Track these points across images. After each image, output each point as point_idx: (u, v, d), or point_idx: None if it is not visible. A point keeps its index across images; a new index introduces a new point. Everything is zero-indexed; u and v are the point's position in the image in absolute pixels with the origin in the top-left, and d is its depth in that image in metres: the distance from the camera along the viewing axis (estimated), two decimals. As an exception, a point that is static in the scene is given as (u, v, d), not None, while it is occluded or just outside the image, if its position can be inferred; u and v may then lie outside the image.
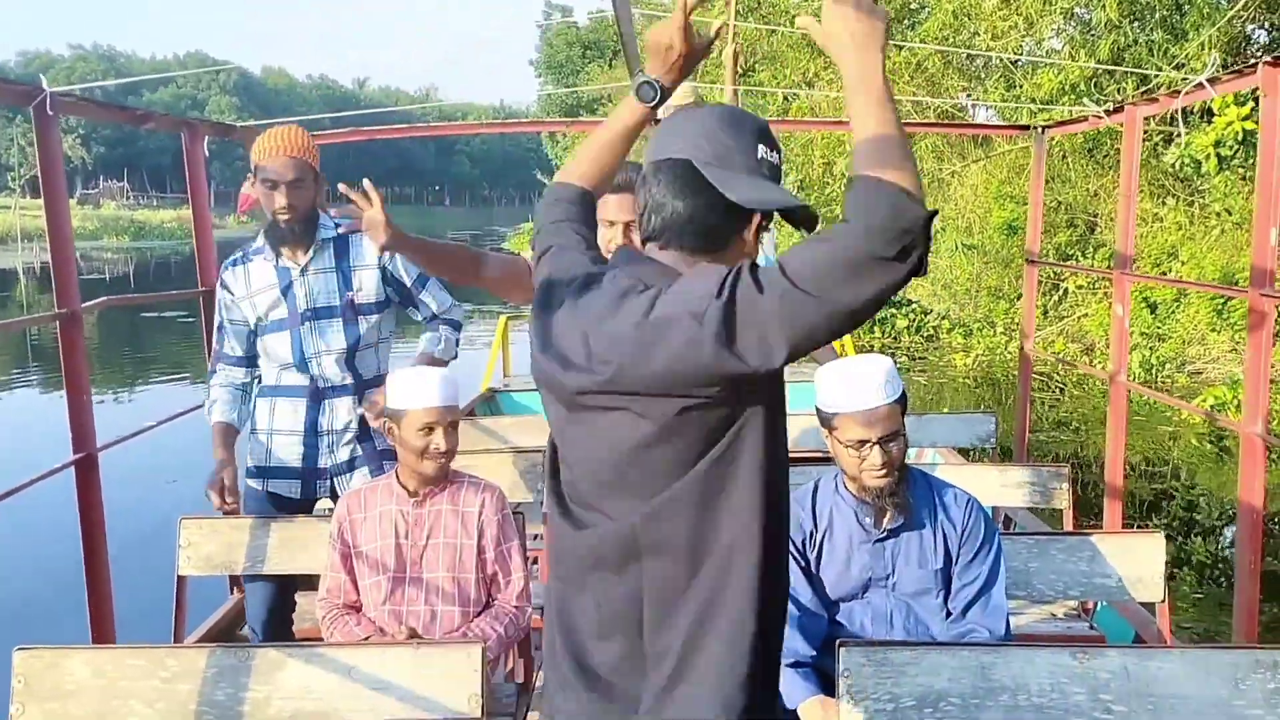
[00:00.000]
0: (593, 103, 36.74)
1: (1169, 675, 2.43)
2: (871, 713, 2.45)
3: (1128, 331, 4.48)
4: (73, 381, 3.38)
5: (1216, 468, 10.57)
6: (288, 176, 3.32)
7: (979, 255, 17.84)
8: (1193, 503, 9.45)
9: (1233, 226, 14.43)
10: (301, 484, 3.55)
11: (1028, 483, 4.32)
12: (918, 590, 2.76)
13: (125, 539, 4.67)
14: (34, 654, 2.61)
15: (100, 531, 3.43)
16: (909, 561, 2.74)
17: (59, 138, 3.35)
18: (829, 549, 2.78)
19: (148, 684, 2.62)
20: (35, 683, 2.59)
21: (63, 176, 3.38)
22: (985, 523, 2.80)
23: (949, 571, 2.76)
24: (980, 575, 2.75)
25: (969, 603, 2.75)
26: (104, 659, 2.64)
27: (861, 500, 2.74)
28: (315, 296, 3.47)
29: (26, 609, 6.58)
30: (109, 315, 24.41)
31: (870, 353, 2.88)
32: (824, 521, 2.80)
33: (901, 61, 17.57)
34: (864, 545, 2.75)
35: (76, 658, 2.62)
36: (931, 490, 2.80)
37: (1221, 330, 14.14)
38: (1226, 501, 9.35)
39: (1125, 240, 4.42)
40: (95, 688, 2.61)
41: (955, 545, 2.76)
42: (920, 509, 2.75)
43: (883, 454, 2.62)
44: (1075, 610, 4.05)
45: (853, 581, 2.76)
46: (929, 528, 2.75)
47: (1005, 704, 2.44)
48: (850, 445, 2.64)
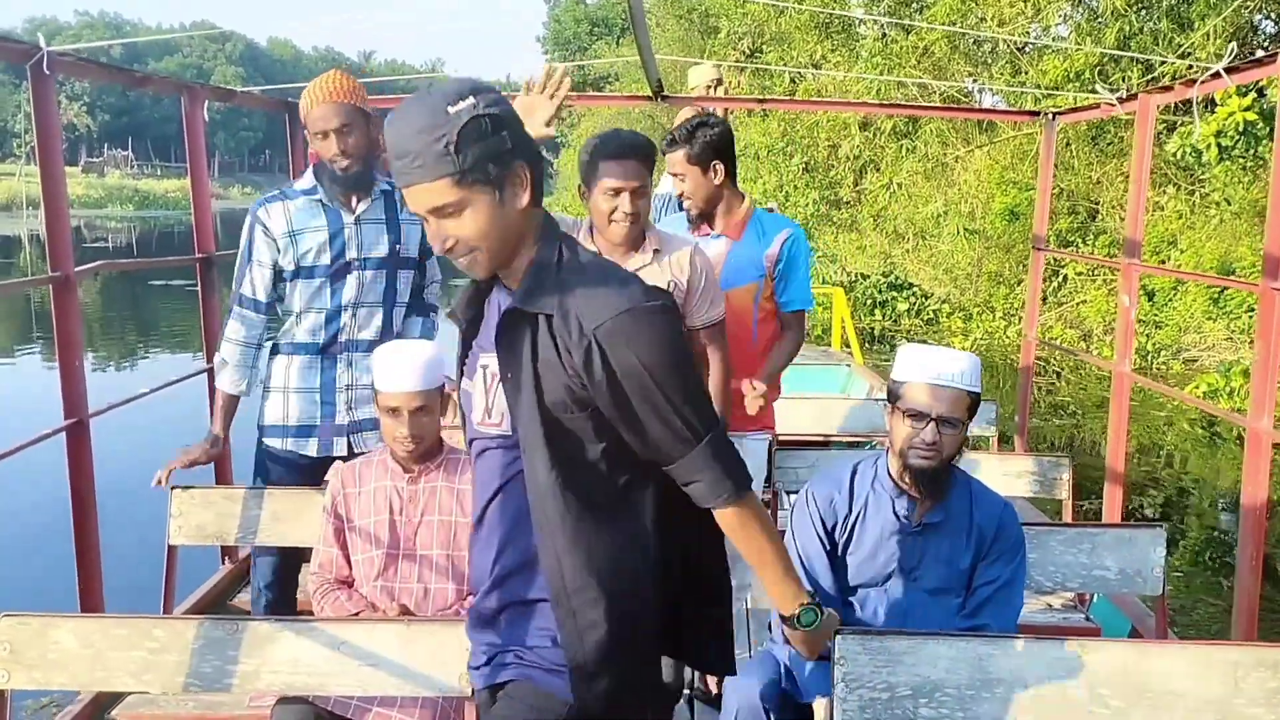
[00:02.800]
0: (600, 80, 36.56)
1: (1169, 671, 2.41)
2: (866, 701, 2.43)
3: (1134, 322, 4.42)
4: (65, 346, 3.34)
5: (1209, 454, 10.66)
6: (334, 123, 3.24)
7: (980, 240, 17.88)
8: (1184, 489, 9.51)
9: (1232, 216, 14.48)
10: (318, 442, 3.50)
11: (1028, 472, 4.28)
12: (939, 587, 2.72)
13: (118, 508, 4.66)
14: (21, 621, 2.58)
15: (90, 499, 3.40)
16: (937, 558, 2.71)
17: (55, 98, 3.30)
18: (859, 534, 2.74)
19: (135, 654, 2.59)
20: (22, 650, 2.56)
21: (59, 138, 3.33)
22: (1017, 533, 2.76)
23: (972, 574, 2.73)
24: (1001, 576, 2.71)
25: (984, 600, 2.71)
26: (91, 628, 2.61)
27: (900, 490, 2.70)
28: (367, 246, 3.40)
29: (16, 576, 6.56)
30: (111, 284, 24.40)
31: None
32: (859, 505, 2.75)
33: (909, 46, 17.53)
34: (895, 536, 2.71)
35: (63, 626, 2.59)
36: (970, 492, 2.75)
37: (1217, 319, 14.25)
38: (1219, 489, 9.47)
39: (1134, 229, 4.37)
40: (82, 657, 2.58)
41: (984, 549, 2.72)
42: (957, 509, 2.71)
43: (936, 433, 2.57)
44: (1071, 601, 4.02)
45: (876, 570, 2.72)
46: (963, 529, 2.71)
47: (1001, 696, 2.42)
48: (909, 414, 2.59)
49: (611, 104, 23.06)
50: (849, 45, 20.15)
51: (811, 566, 2.74)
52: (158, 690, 2.80)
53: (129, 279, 24.41)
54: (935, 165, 18.59)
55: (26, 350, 16.55)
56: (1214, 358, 13.89)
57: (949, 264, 18.61)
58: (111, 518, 3.59)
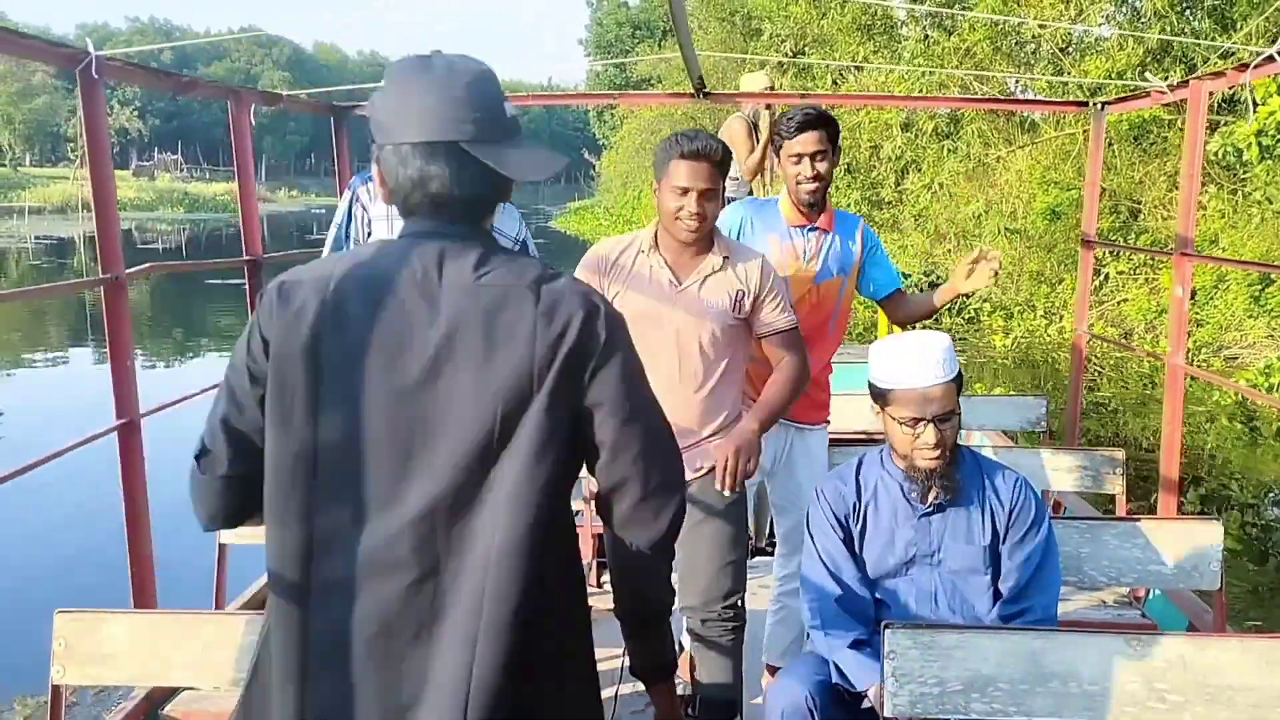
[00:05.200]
0: (642, 82, 36.62)
1: (1228, 665, 2.36)
2: (917, 695, 2.41)
3: (1187, 314, 4.35)
4: (117, 347, 3.38)
5: (1249, 450, 10.61)
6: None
7: (1022, 240, 17.86)
8: (1225, 484, 9.47)
9: (1274, 215, 14.39)
10: None
11: (1079, 467, 4.22)
12: (964, 568, 2.69)
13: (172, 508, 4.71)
14: (74, 617, 2.62)
15: (142, 496, 3.44)
16: (955, 538, 2.68)
17: (104, 102, 3.34)
18: (873, 523, 2.73)
19: (188, 650, 2.62)
20: (76, 645, 2.60)
21: (107, 141, 3.37)
22: (1035, 502, 2.73)
23: (997, 550, 2.70)
24: (1032, 554, 2.68)
25: (1023, 583, 2.67)
26: (143, 623, 2.65)
27: (908, 475, 2.68)
28: None
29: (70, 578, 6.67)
30: (161, 285, 24.75)
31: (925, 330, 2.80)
32: (868, 494, 2.75)
33: (951, 47, 17.50)
34: (909, 520, 2.69)
35: (116, 622, 2.63)
36: (980, 468, 2.73)
37: (1259, 316, 14.17)
38: (1262, 483, 9.47)
39: (1187, 221, 4.30)
40: (135, 652, 2.61)
41: (1003, 524, 2.69)
42: (968, 486, 2.69)
43: (936, 433, 2.56)
44: (1126, 598, 3.96)
45: (897, 557, 2.70)
46: (976, 504, 2.69)
47: (1055, 690, 2.39)
48: (904, 423, 2.58)
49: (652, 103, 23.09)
50: (890, 47, 20.09)
51: (834, 562, 2.74)
52: (210, 685, 2.83)
53: (179, 280, 24.74)
54: (976, 165, 18.57)
55: (79, 354, 16.83)
56: (1255, 355, 13.82)
57: None
58: (163, 519, 3.62)
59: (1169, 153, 15.92)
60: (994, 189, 18.33)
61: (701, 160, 2.81)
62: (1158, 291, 15.66)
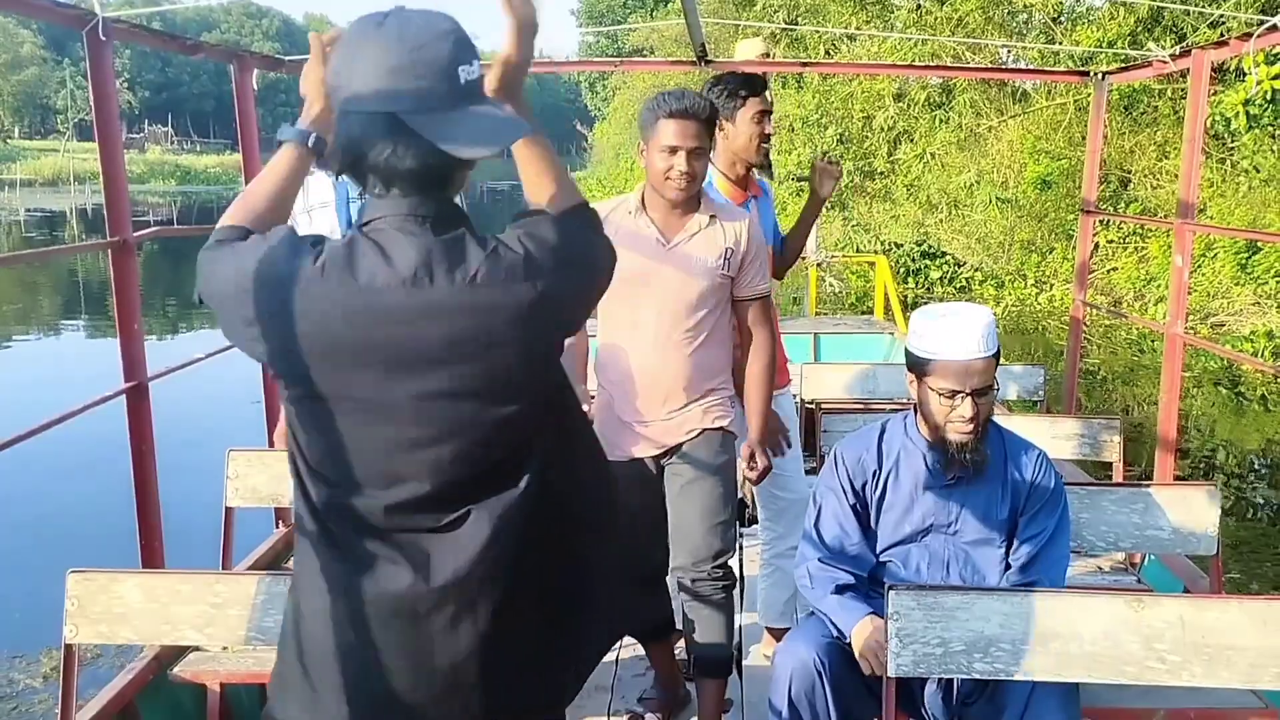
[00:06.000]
0: (635, 52, 36.41)
1: (1227, 625, 2.39)
2: (920, 656, 2.43)
3: (1187, 283, 4.37)
4: (124, 311, 3.38)
5: (1235, 417, 10.77)
6: None
7: (1013, 209, 18.08)
8: (1213, 451, 9.61)
9: (1260, 183, 14.62)
10: None
11: (1077, 434, 4.26)
12: (979, 539, 2.71)
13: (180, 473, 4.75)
14: (87, 577, 2.65)
15: (150, 460, 3.45)
16: (974, 511, 2.70)
17: (112, 63, 3.34)
18: (893, 491, 2.74)
19: (197, 608, 2.65)
20: (88, 604, 2.63)
21: (116, 104, 3.37)
22: (1055, 479, 2.75)
23: (1013, 523, 2.72)
24: (1046, 529, 2.70)
25: (1032, 556, 2.70)
26: (154, 583, 2.67)
27: (933, 445, 2.69)
28: None
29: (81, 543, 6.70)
30: (154, 258, 24.64)
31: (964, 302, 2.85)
32: (890, 462, 2.75)
33: (943, 17, 17.50)
34: (930, 490, 2.70)
35: (128, 581, 2.65)
36: (1004, 442, 2.74)
37: (1244, 284, 14.40)
38: (1247, 449, 9.64)
39: (1189, 189, 4.30)
40: (146, 611, 2.64)
41: (1022, 499, 2.71)
42: (993, 460, 2.69)
43: (973, 406, 2.56)
44: (1122, 564, 4.01)
45: (913, 525, 2.72)
46: (998, 479, 2.70)
47: (1057, 651, 2.42)
48: (942, 394, 2.58)
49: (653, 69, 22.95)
50: (883, 17, 20.07)
51: (840, 525, 2.75)
52: (220, 644, 2.86)
53: (173, 253, 24.64)
54: (968, 135, 18.74)
55: (72, 327, 16.79)
56: (1240, 322, 14.10)
57: (981, 233, 18.80)
58: (171, 483, 3.65)
59: (1159, 122, 16.04)
60: (985, 159, 18.53)
61: (689, 119, 2.81)
62: (1147, 260, 15.85)
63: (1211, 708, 2.78)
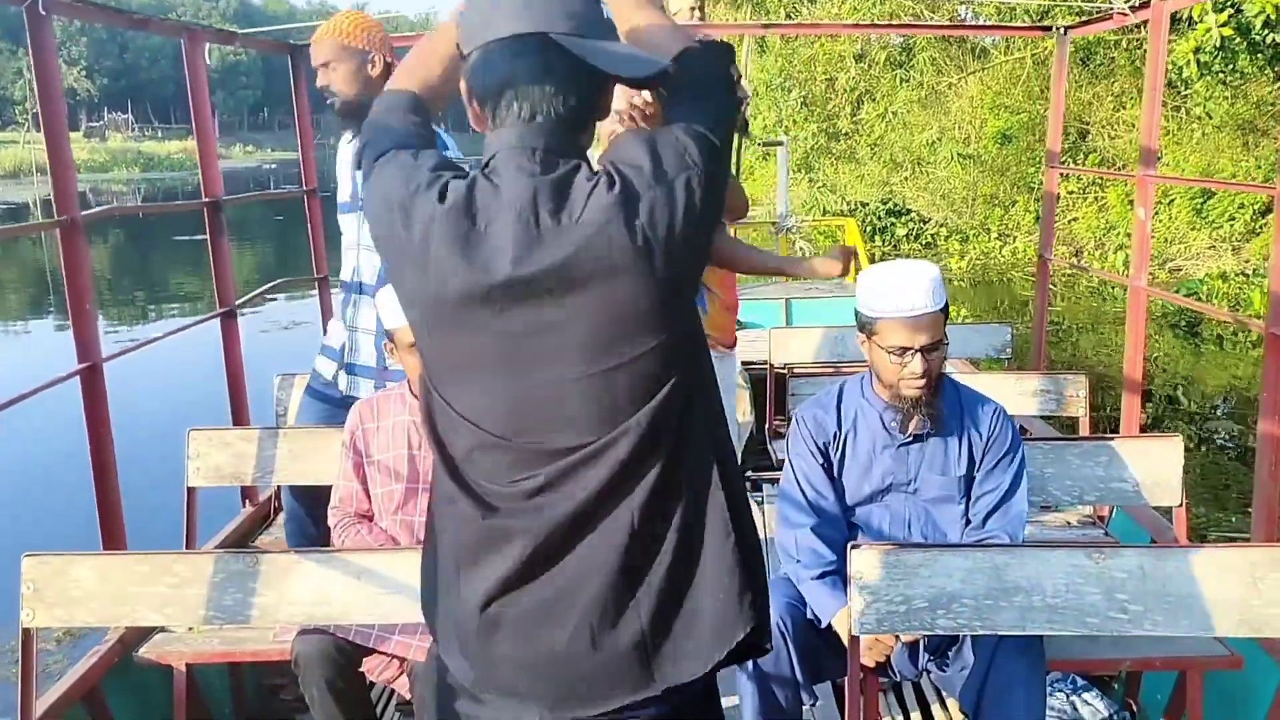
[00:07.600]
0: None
1: (1186, 574, 2.40)
2: (883, 614, 2.44)
3: (1149, 234, 4.37)
4: (75, 291, 3.32)
5: (1194, 359, 10.99)
6: (317, 60, 3.35)
7: (975, 165, 18.34)
8: (1174, 395, 9.76)
9: (1213, 130, 14.92)
10: (342, 377, 3.58)
11: (1044, 390, 4.27)
12: (938, 497, 2.72)
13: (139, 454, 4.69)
14: (42, 560, 2.61)
15: (108, 442, 3.40)
16: (932, 468, 2.70)
17: (54, 40, 3.26)
18: (852, 451, 2.75)
19: (156, 589, 2.61)
20: (44, 588, 2.59)
21: (59, 83, 3.30)
22: (1011, 433, 2.75)
23: (971, 478, 2.72)
24: (1002, 484, 2.71)
25: (989, 511, 2.71)
26: (111, 564, 2.63)
27: (889, 404, 2.69)
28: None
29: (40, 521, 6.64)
30: (120, 246, 24.39)
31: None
32: (848, 423, 2.75)
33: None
34: (888, 450, 2.71)
35: (84, 564, 2.61)
36: (960, 398, 2.75)
37: (1200, 228, 14.77)
38: (1208, 392, 9.81)
39: (1149, 140, 4.30)
40: (103, 593, 2.60)
41: (979, 453, 2.71)
42: (948, 416, 2.70)
43: (924, 362, 2.57)
44: (1090, 518, 4.02)
45: (873, 485, 2.73)
46: (955, 435, 2.71)
47: (1020, 605, 2.42)
48: (892, 351, 2.58)
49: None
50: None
51: (811, 485, 2.76)
52: (181, 624, 2.83)
53: (139, 241, 24.39)
54: (930, 93, 18.95)
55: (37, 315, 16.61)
56: (1197, 266, 14.44)
57: (945, 189, 19.06)
58: (130, 465, 3.60)
59: (1115, 73, 16.17)
60: (947, 116, 18.78)
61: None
62: (1106, 209, 16.04)
63: (1178, 655, 2.80)
